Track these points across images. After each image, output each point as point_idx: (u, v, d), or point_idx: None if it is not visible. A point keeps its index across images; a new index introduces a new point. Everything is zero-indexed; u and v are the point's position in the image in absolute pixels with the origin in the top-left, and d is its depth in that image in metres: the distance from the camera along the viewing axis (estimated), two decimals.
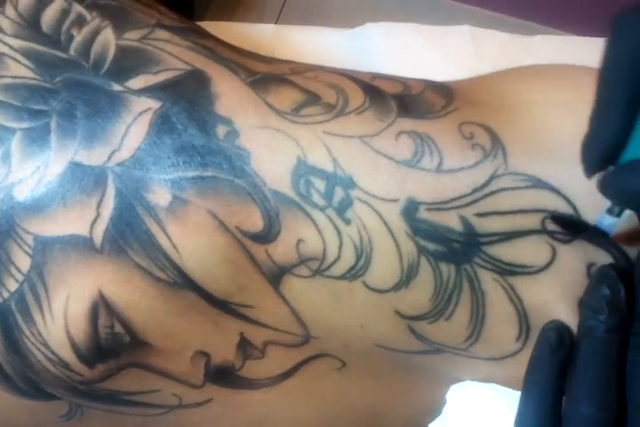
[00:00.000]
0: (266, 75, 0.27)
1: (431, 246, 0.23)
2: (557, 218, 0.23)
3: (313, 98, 0.26)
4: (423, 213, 0.23)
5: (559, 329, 0.22)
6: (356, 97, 0.26)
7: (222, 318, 0.25)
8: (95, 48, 0.25)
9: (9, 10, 0.26)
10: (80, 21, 0.26)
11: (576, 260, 0.23)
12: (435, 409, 0.28)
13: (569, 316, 0.23)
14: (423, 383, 0.27)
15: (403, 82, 0.27)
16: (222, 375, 0.26)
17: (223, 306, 0.25)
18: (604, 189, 0.20)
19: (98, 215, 0.23)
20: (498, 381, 0.25)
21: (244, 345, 0.26)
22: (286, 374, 0.27)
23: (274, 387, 0.27)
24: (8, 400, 0.25)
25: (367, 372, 0.27)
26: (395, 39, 0.59)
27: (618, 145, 0.20)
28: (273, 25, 0.59)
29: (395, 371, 0.27)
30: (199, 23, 0.46)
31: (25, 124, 0.24)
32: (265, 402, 0.27)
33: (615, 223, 0.22)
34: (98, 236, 0.23)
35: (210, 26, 0.50)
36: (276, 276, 0.24)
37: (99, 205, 0.23)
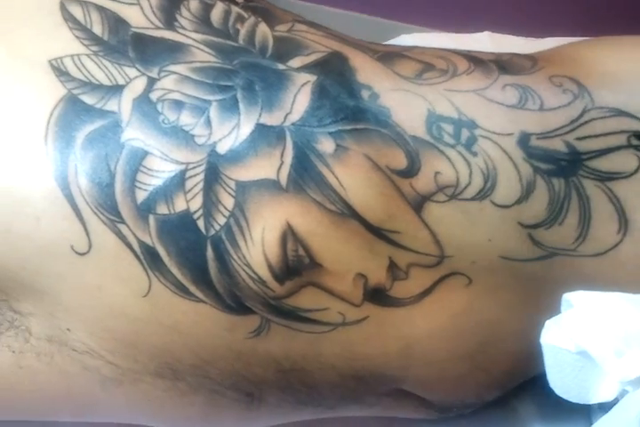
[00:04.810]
0: (386, 52, 0.34)
1: (544, 166, 0.30)
2: (639, 135, 0.30)
3: (428, 66, 0.33)
4: (534, 142, 0.30)
5: None
6: (462, 63, 0.33)
7: (376, 243, 0.31)
8: (257, 38, 0.32)
9: (185, 12, 0.33)
10: (241, 18, 0.33)
11: None
12: (538, 323, 0.34)
13: None
14: (535, 294, 0.33)
15: (492, 53, 0.34)
16: (376, 295, 0.32)
17: (377, 232, 0.31)
18: None
19: (282, 163, 0.30)
20: (603, 276, 0.31)
21: (393, 268, 0.32)
22: (425, 293, 0.32)
23: (415, 305, 0.33)
24: (214, 317, 0.31)
25: (488, 287, 0.33)
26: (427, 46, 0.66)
27: None
28: None
29: (511, 283, 0.33)
30: None
31: (218, 97, 0.30)
32: (409, 318, 0.33)
33: None
34: (283, 178, 0.30)
35: None
36: (418, 203, 0.31)
37: (282, 155, 0.30)
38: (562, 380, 0.32)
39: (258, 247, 0.30)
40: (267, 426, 0.38)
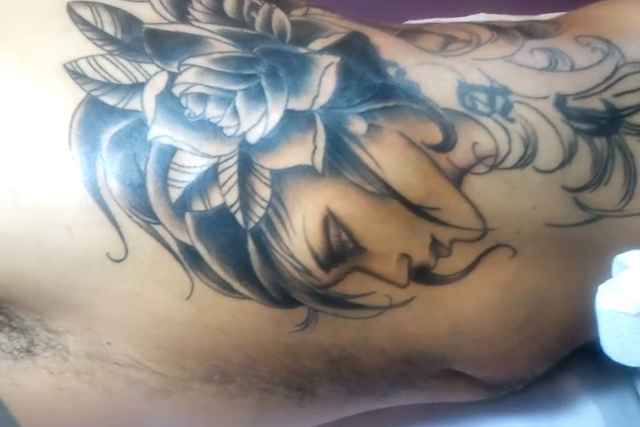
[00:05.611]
0: (405, 29, 0.33)
1: (584, 126, 0.30)
2: None
3: (451, 38, 0.32)
4: (571, 103, 0.30)
5: None
6: (484, 33, 0.32)
7: (417, 221, 0.30)
8: (274, 24, 0.32)
9: (196, 4, 0.32)
10: (254, 6, 0.32)
11: None
12: (586, 289, 0.33)
13: None
14: (580, 260, 0.33)
15: (511, 21, 0.34)
16: (421, 274, 0.31)
17: (418, 211, 0.30)
18: None
19: (315, 147, 0.29)
20: None
21: (436, 245, 0.31)
22: (470, 268, 0.32)
23: (461, 281, 0.32)
24: (260, 312, 0.30)
25: (533, 256, 0.32)
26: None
27: None
28: None
29: (557, 251, 0.32)
30: None
31: (242, 86, 0.30)
32: (455, 295, 0.32)
33: None
34: (318, 163, 0.29)
35: None
36: (457, 177, 0.30)
37: (314, 140, 0.29)
38: (620, 345, 0.31)
39: (300, 236, 0.29)
40: (318, 424, 0.37)
